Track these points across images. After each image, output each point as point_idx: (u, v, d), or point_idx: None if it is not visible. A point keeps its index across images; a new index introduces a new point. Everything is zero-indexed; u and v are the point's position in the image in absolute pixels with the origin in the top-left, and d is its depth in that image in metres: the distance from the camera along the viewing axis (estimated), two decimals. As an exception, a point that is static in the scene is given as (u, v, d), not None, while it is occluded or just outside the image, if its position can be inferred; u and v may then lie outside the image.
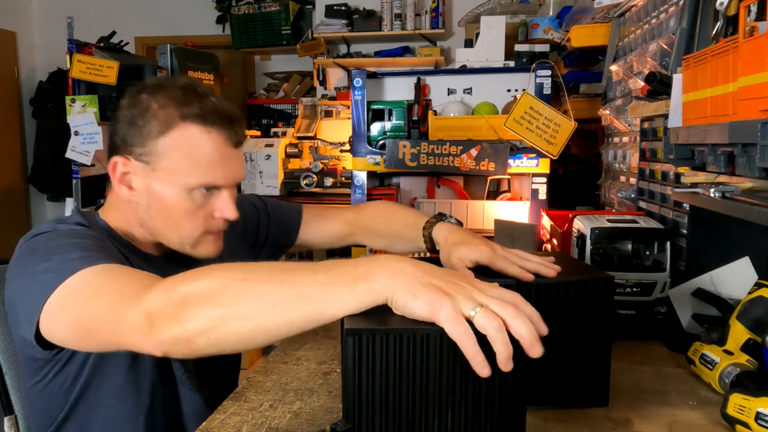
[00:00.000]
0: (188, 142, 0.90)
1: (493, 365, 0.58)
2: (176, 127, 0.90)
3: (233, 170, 0.95)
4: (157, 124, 0.90)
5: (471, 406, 0.66)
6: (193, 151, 0.91)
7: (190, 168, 0.91)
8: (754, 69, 0.85)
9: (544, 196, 2.26)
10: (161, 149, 0.91)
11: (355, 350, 0.63)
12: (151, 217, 0.94)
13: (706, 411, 0.92)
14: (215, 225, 0.97)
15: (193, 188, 0.92)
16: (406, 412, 0.65)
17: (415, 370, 0.64)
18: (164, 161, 0.91)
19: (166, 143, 0.90)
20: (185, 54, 3.37)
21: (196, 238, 0.96)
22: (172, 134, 0.90)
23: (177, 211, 0.93)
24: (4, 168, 4.86)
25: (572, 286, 0.89)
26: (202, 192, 0.93)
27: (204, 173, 0.92)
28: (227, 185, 0.95)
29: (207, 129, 0.91)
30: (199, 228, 0.95)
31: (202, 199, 0.94)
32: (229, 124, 0.93)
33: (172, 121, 0.90)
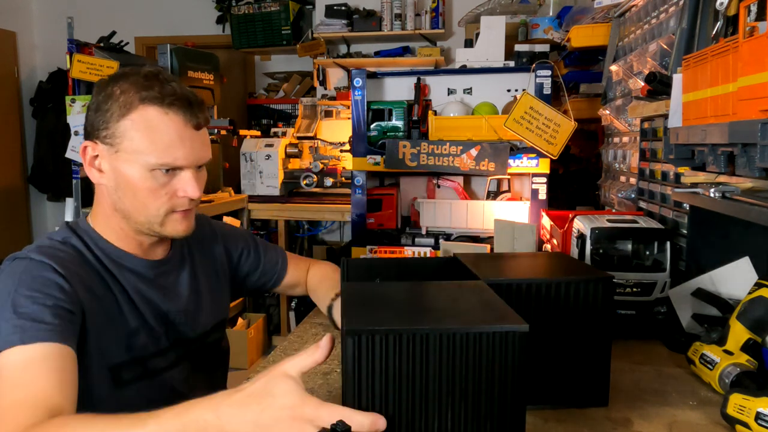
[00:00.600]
0: (146, 123, 0.94)
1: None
2: (135, 110, 0.94)
3: (194, 151, 0.98)
4: (118, 107, 0.95)
5: (471, 405, 0.66)
6: (151, 131, 0.94)
7: (150, 148, 0.94)
8: (754, 69, 0.85)
9: (544, 196, 2.25)
10: (122, 131, 0.95)
11: (354, 350, 0.63)
12: (120, 198, 0.98)
13: (706, 411, 0.92)
14: (179, 204, 1.00)
15: (154, 168, 0.95)
16: (406, 411, 0.65)
17: (414, 370, 0.64)
18: (125, 142, 0.95)
19: (126, 125, 0.94)
20: (185, 54, 3.36)
21: (162, 217, 0.99)
22: (131, 116, 0.94)
23: (141, 190, 0.96)
24: (4, 168, 4.86)
25: (572, 285, 0.89)
26: (163, 172, 0.96)
27: (163, 153, 0.95)
28: (188, 165, 0.98)
29: (165, 110, 0.95)
30: (164, 206, 0.98)
31: (164, 179, 0.97)
32: (187, 106, 0.97)
33: (131, 103, 0.94)
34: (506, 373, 0.65)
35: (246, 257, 1.30)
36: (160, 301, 1.06)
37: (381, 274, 1.05)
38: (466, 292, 0.80)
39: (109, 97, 0.96)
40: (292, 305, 3.92)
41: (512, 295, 0.87)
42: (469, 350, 0.65)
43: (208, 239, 1.24)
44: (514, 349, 0.65)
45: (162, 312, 1.06)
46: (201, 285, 1.16)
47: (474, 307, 0.73)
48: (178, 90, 0.97)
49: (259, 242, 1.34)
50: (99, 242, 1.02)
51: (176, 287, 1.11)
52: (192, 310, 1.12)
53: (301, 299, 3.96)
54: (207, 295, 1.17)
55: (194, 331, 1.12)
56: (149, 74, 0.98)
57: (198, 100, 1.00)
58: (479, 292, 0.80)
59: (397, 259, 1.95)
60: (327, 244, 4.23)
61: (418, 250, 2.34)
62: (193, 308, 1.13)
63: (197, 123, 0.98)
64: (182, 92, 0.98)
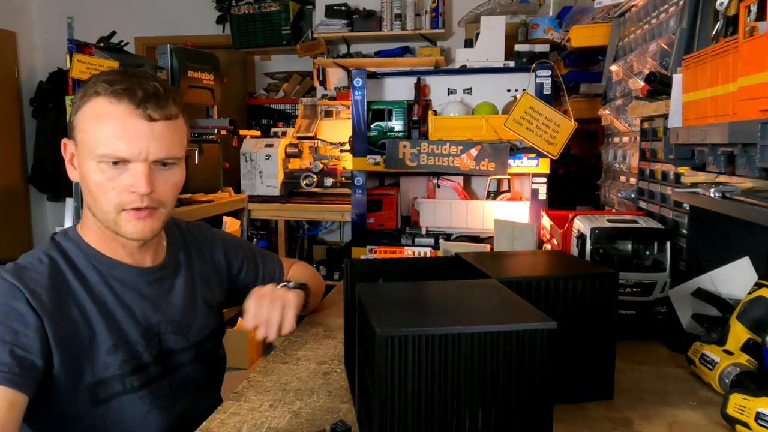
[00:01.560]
0: (94, 114, 0.92)
1: None
2: (88, 101, 0.93)
3: (142, 143, 0.92)
4: (78, 100, 0.94)
5: (501, 404, 0.67)
6: (97, 122, 0.92)
7: (95, 139, 0.91)
8: (754, 69, 0.85)
9: (544, 196, 2.26)
10: (76, 123, 0.94)
11: (387, 352, 0.63)
12: (85, 196, 0.97)
13: (706, 411, 0.92)
14: (129, 200, 0.94)
15: (100, 160, 0.92)
16: (438, 412, 0.66)
17: (446, 370, 0.65)
18: (78, 134, 0.94)
19: (79, 117, 0.93)
20: (185, 54, 3.36)
21: (113, 214, 0.95)
22: (84, 107, 0.93)
23: (91, 183, 0.93)
24: (4, 168, 4.86)
25: (580, 282, 0.90)
26: (110, 165, 0.92)
27: (105, 144, 0.91)
28: (134, 158, 0.92)
29: (115, 100, 0.91)
30: (112, 203, 0.94)
31: (111, 172, 0.92)
32: (144, 98, 0.92)
33: (87, 95, 0.93)
34: (534, 371, 0.66)
35: (246, 269, 1.27)
36: (149, 312, 1.03)
37: (383, 274, 1.05)
38: (482, 291, 0.80)
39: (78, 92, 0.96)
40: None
41: (522, 293, 0.88)
42: (499, 349, 0.66)
43: (208, 244, 1.21)
44: (542, 346, 0.66)
45: (148, 324, 1.03)
46: (197, 292, 1.13)
47: (497, 306, 0.74)
48: (141, 83, 0.93)
49: (257, 252, 1.32)
50: (88, 252, 0.99)
51: (169, 295, 1.07)
52: (186, 319, 1.09)
53: (301, 299, 3.96)
54: (203, 303, 1.14)
55: (188, 340, 1.09)
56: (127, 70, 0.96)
57: (161, 92, 0.94)
58: (496, 290, 0.80)
59: (399, 259, 1.95)
60: (327, 244, 4.23)
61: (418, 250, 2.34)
62: (188, 316, 1.09)
63: (149, 114, 0.92)
64: (144, 85, 0.93)
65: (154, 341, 1.03)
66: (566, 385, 0.93)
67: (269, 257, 1.34)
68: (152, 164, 0.94)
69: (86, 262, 0.98)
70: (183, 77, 3.31)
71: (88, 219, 1.01)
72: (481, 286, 0.83)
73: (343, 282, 1.08)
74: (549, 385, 0.67)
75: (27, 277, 0.91)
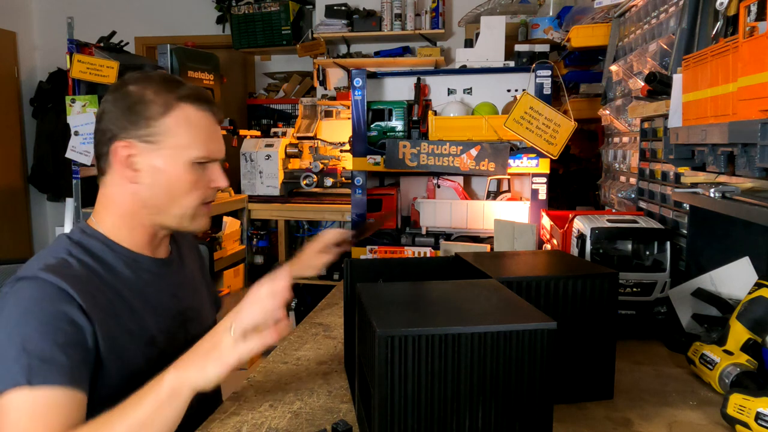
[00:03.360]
0: (187, 120, 1.00)
1: None
2: (176, 107, 1.00)
3: (221, 144, 1.06)
4: (158, 107, 0.99)
5: (501, 404, 0.67)
6: (193, 127, 1.01)
7: (193, 142, 1.00)
8: (754, 69, 0.85)
9: (544, 196, 2.25)
10: (165, 128, 0.99)
11: (387, 352, 0.64)
12: (155, 195, 1.01)
13: (706, 411, 0.93)
14: (210, 195, 1.06)
15: (195, 161, 1.01)
16: (438, 411, 0.66)
17: (446, 370, 0.65)
18: (170, 139, 0.99)
19: (169, 122, 0.99)
20: (185, 54, 3.36)
21: (195, 209, 1.04)
22: (173, 113, 0.99)
23: (182, 183, 1.01)
24: (4, 168, 4.86)
25: (580, 281, 0.90)
26: (199, 165, 1.02)
27: (203, 146, 1.01)
28: (219, 158, 1.06)
29: (198, 107, 1.02)
30: (198, 198, 1.03)
31: (200, 172, 1.03)
32: (212, 104, 1.05)
33: (170, 102, 0.99)
34: (534, 371, 0.66)
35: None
36: (175, 300, 1.07)
37: (383, 274, 1.05)
38: (482, 290, 0.81)
39: (141, 98, 0.99)
40: (292, 305, 3.92)
41: (522, 293, 0.88)
42: (499, 349, 0.66)
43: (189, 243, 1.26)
44: (542, 346, 0.66)
45: (178, 311, 1.07)
46: (198, 281, 1.20)
47: (497, 306, 0.74)
48: (198, 89, 1.05)
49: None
50: (113, 246, 1.01)
51: (184, 283, 1.13)
52: (200, 305, 1.15)
53: (300, 299, 3.96)
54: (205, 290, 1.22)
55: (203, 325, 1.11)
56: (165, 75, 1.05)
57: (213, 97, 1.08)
58: (495, 290, 0.80)
59: (399, 259, 1.95)
60: (327, 244, 4.23)
61: (418, 250, 2.34)
62: (201, 303, 1.16)
63: (220, 119, 1.07)
64: (202, 91, 1.06)
65: (184, 327, 1.08)
66: (566, 385, 0.93)
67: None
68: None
69: (113, 256, 1.00)
70: (183, 77, 3.31)
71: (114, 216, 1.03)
72: (481, 286, 0.83)
73: (343, 282, 1.08)
74: (549, 385, 0.67)
75: (65, 274, 0.90)
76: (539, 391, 0.67)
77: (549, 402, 0.68)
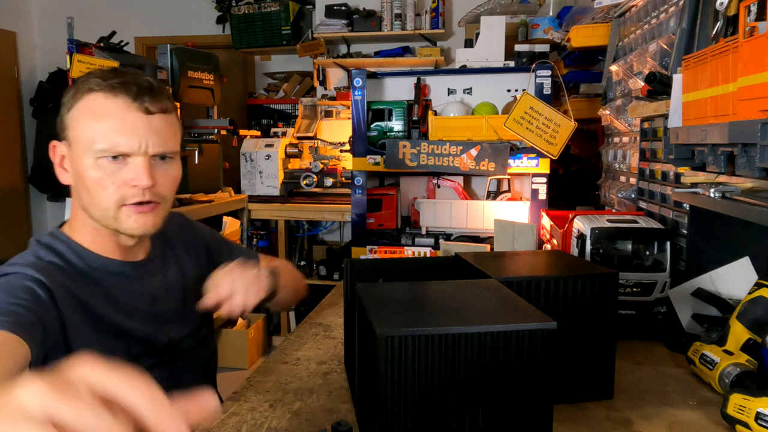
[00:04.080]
0: (90, 110, 0.91)
1: None
2: (82, 98, 0.92)
3: (142, 136, 0.91)
4: (70, 98, 0.93)
5: (500, 403, 0.67)
6: (94, 117, 0.90)
7: (93, 134, 0.90)
8: (754, 69, 0.85)
9: (544, 196, 2.26)
10: (69, 121, 0.93)
11: (387, 352, 0.64)
12: (80, 196, 0.95)
13: (706, 411, 0.92)
14: (130, 194, 0.92)
15: (99, 155, 0.90)
16: (438, 411, 0.66)
17: (446, 370, 0.65)
18: (73, 132, 0.92)
19: (73, 115, 0.92)
20: (185, 54, 3.36)
21: (113, 210, 0.93)
22: (78, 104, 0.92)
23: (89, 181, 0.92)
24: (4, 168, 4.86)
25: (579, 281, 0.90)
26: (110, 159, 0.91)
27: (104, 138, 0.90)
28: (136, 153, 0.91)
29: (107, 95, 0.90)
30: (112, 198, 0.92)
31: (111, 167, 0.91)
32: (137, 91, 0.91)
33: (81, 94, 0.92)
34: (534, 371, 0.66)
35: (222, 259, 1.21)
36: (150, 304, 1.02)
37: (384, 274, 1.05)
38: (482, 290, 0.81)
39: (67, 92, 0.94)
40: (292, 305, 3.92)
41: (522, 293, 0.88)
42: (498, 349, 0.66)
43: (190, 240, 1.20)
44: (542, 346, 0.66)
45: (155, 314, 1.03)
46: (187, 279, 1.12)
47: (496, 306, 0.74)
48: (134, 77, 0.93)
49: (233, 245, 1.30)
50: (81, 252, 0.97)
51: (164, 285, 1.07)
52: (183, 306, 1.09)
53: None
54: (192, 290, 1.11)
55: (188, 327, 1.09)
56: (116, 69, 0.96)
57: (155, 86, 0.95)
58: (495, 290, 0.80)
59: (399, 259, 1.95)
60: (327, 244, 4.23)
61: (418, 250, 2.34)
62: (183, 304, 1.09)
63: (146, 107, 0.92)
64: (137, 79, 0.93)
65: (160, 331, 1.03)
66: (566, 385, 0.93)
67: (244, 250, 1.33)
68: (151, 158, 0.93)
69: (81, 261, 0.97)
70: (183, 77, 3.31)
71: (78, 220, 0.99)
72: (481, 286, 0.83)
73: (343, 282, 1.08)
74: (549, 385, 0.67)
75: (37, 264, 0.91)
76: (539, 391, 0.67)
77: (549, 402, 0.68)
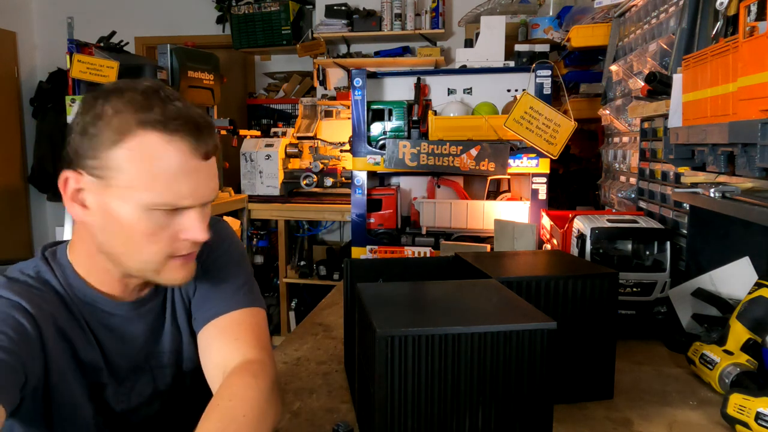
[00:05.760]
0: (146, 153, 0.77)
1: None
2: (132, 135, 0.77)
3: (201, 186, 0.81)
4: (111, 132, 0.77)
5: (501, 403, 0.67)
6: (151, 163, 0.77)
7: (149, 184, 0.77)
8: (754, 69, 0.85)
9: (544, 196, 2.25)
10: (115, 162, 0.77)
11: (387, 352, 0.64)
12: (108, 240, 0.83)
13: (706, 411, 0.93)
14: (181, 248, 0.83)
15: (153, 208, 0.79)
16: (438, 412, 0.66)
17: (446, 370, 0.65)
18: (119, 176, 0.77)
19: (120, 155, 0.77)
20: (185, 54, 3.36)
21: (159, 263, 0.83)
22: (128, 144, 0.77)
23: (135, 232, 0.80)
24: (4, 168, 4.86)
25: (579, 281, 0.90)
26: (165, 211, 0.80)
27: (165, 190, 0.78)
28: (195, 204, 0.81)
29: (168, 137, 0.77)
30: (162, 252, 0.82)
31: (164, 219, 0.80)
32: (196, 132, 0.79)
33: (127, 128, 0.77)
34: (534, 371, 0.66)
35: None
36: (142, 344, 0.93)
37: (384, 274, 1.05)
38: (482, 290, 0.81)
39: (98, 117, 0.78)
40: (292, 305, 3.93)
41: (522, 293, 0.88)
42: (498, 349, 0.66)
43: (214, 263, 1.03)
44: (542, 346, 0.66)
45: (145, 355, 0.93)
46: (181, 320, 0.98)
47: (496, 306, 0.74)
48: (184, 111, 0.79)
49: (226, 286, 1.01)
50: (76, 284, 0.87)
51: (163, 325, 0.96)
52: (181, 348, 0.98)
53: (300, 299, 3.96)
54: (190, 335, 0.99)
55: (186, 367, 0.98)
56: (148, 90, 0.80)
57: (207, 122, 0.82)
58: (495, 290, 0.80)
59: (399, 259, 1.95)
60: (327, 244, 4.23)
61: (418, 250, 2.34)
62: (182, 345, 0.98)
63: (206, 152, 0.80)
64: (189, 114, 0.80)
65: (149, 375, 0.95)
66: (566, 385, 0.93)
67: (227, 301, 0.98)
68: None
69: (73, 294, 0.87)
70: (183, 77, 3.31)
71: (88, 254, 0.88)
72: (481, 286, 0.83)
73: (343, 282, 1.08)
74: (549, 385, 0.68)
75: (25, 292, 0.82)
76: (539, 391, 0.67)
77: (549, 402, 0.68)
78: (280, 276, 3.80)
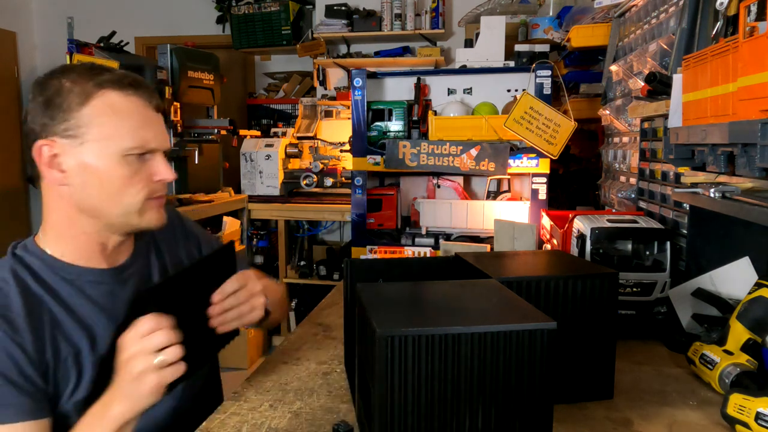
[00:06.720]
0: (111, 108, 0.89)
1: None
2: (95, 96, 0.89)
3: (160, 134, 0.94)
4: (75, 96, 0.88)
5: (501, 404, 0.67)
6: (117, 115, 0.90)
7: (120, 132, 0.89)
8: (754, 69, 0.85)
9: (544, 196, 2.26)
10: (86, 119, 0.88)
11: (387, 352, 0.64)
12: (90, 195, 0.90)
13: (706, 411, 0.93)
14: (156, 189, 0.95)
15: (127, 153, 0.90)
16: (438, 412, 0.66)
17: (446, 370, 0.65)
18: (92, 131, 0.88)
19: (89, 112, 0.88)
20: (185, 54, 3.36)
21: (140, 204, 0.93)
22: (93, 102, 0.89)
23: (115, 179, 0.90)
24: (4, 168, 4.86)
25: (579, 281, 0.90)
26: (136, 157, 0.91)
27: (133, 136, 0.90)
28: (159, 148, 0.94)
29: (124, 93, 0.91)
30: (140, 193, 0.92)
31: (137, 164, 0.91)
32: (144, 89, 0.94)
33: (90, 90, 0.89)
34: (534, 371, 0.66)
35: None
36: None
37: (383, 274, 1.05)
38: (482, 290, 0.81)
39: (59, 90, 0.89)
40: (292, 305, 3.93)
41: (522, 293, 0.88)
42: (499, 349, 0.66)
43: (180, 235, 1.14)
44: (542, 346, 0.66)
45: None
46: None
47: (496, 306, 0.74)
48: (128, 75, 0.93)
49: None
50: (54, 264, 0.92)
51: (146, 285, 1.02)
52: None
53: (301, 299, 3.96)
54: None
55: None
56: (87, 65, 0.94)
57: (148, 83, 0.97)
58: (495, 290, 0.80)
59: (399, 259, 1.95)
60: (327, 244, 4.23)
61: (418, 250, 2.34)
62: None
63: (157, 105, 0.95)
64: (133, 77, 0.94)
65: None
66: (566, 385, 0.93)
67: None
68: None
69: (53, 275, 0.92)
70: (183, 77, 3.31)
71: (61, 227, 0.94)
72: (481, 286, 0.83)
73: (343, 282, 1.08)
74: (549, 385, 0.68)
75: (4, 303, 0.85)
76: (539, 391, 0.67)
77: (549, 402, 0.68)
78: (280, 276, 3.80)
